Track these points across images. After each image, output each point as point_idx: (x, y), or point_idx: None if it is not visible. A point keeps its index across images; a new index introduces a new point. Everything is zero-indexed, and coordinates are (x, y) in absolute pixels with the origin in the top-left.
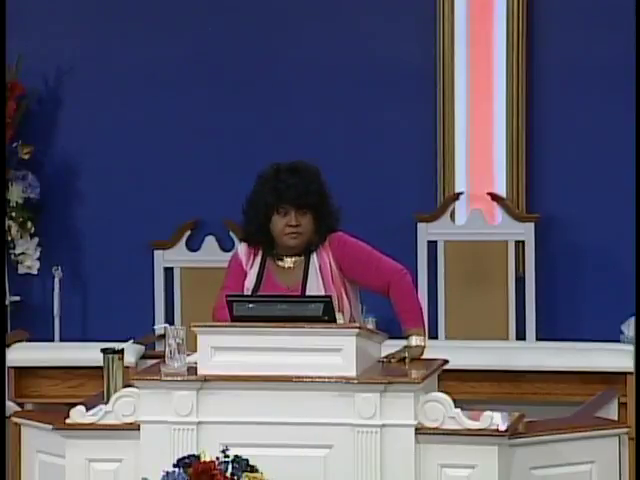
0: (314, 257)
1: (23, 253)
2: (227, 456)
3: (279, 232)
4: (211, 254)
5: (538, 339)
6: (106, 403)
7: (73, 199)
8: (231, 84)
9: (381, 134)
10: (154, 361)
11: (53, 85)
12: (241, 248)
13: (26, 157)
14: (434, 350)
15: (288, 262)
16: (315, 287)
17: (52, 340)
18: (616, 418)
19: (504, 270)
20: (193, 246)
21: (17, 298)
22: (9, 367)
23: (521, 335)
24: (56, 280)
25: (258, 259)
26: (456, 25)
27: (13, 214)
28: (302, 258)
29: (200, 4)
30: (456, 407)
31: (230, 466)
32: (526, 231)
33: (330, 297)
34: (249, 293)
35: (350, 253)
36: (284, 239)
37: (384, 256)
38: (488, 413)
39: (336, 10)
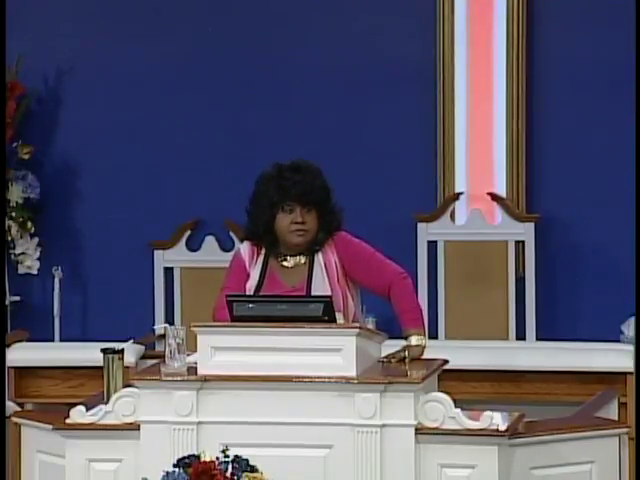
0: (319, 256)
1: (23, 253)
2: (227, 456)
3: (284, 229)
4: (211, 254)
5: (538, 339)
6: (106, 403)
7: (73, 199)
8: (231, 84)
9: (381, 134)
10: (154, 361)
11: (53, 85)
12: (243, 248)
13: (26, 157)
14: (434, 350)
15: (292, 262)
16: (321, 285)
17: (52, 340)
18: (616, 418)
19: (504, 270)
20: (193, 246)
21: (17, 298)
22: (9, 367)
23: (521, 335)
24: (56, 280)
25: (261, 258)
26: (456, 25)
27: (13, 214)
28: (306, 257)
29: (200, 4)
30: (456, 407)
31: (230, 466)
32: (526, 231)
33: (330, 297)
34: (251, 292)
35: (353, 252)
36: (289, 237)
37: (386, 259)
38: (488, 413)
39: (336, 10)
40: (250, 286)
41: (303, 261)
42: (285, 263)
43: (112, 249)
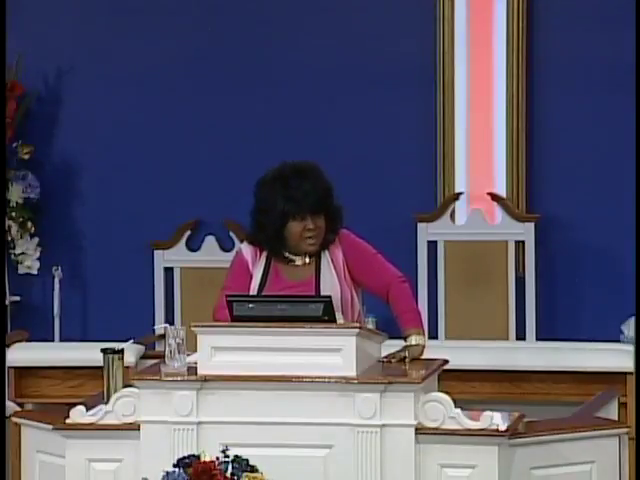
0: (326, 252)
1: (23, 253)
2: (227, 456)
3: (296, 237)
4: (211, 254)
5: (538, 339)
6: (106, 403)
7: (73, 199)
8: (231, 84)
9: (381, 134)
10: (154, 361)
11: (53, 85)
12: (245, 248)
13: (26, 157)
14: (434, 350)
15: (299, 260)
16: (329, 280)
17: (52, 340)
18: (616, 418)
19: (504, 270)
20: (193, 246)
21: (17, 298)
22: (9, 367)
23: (521, 335)
24: (56, 280)
25: (264, 257)
26: (456, 25)
27: (13, 214)
28: (312, 256)
29: (200, 4)
30: (456, 407)
31: (230, 466)
32: (526, 231)
33: (330, 297)
34: (255, 292)
35: (356, 251)
36: (301, 244)
37: (387, 261)
38: (488, 413)
39: (336, 10)
40: (254, 285)
41: (308, 261)
42: (291, 263)
43: (112, 249)
